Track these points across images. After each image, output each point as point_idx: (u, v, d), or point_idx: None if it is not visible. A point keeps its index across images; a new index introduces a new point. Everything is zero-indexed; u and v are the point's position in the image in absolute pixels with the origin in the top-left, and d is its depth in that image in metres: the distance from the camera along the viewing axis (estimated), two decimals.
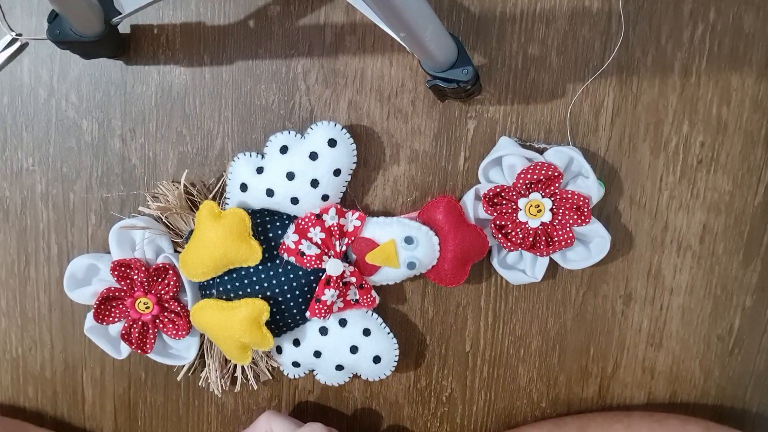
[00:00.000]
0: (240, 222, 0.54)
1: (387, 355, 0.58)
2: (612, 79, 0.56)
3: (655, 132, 0.57)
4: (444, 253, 0.55)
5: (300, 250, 0.55)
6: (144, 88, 0.60)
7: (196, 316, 0.57)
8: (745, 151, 0.57)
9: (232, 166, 0.57)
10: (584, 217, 0.54)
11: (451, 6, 0.56)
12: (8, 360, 0.66)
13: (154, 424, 0.66)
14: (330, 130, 0.55)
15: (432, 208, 0.56)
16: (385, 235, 0.55)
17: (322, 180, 0.55)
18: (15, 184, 0.62)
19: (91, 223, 0.62)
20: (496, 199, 0.55)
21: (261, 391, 0.64)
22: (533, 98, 0.57)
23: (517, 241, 0.55)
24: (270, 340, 0.56)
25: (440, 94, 0.54)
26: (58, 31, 0.52)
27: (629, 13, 0.55)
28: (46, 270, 0.63)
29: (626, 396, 0.61)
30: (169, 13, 0.58)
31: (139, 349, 0.59)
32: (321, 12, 0.57)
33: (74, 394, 0.66)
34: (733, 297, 0.59)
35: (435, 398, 0.63)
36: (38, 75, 0.60)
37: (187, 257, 0.55)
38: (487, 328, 0.61)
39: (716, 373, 0.61)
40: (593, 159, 0.57)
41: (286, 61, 0.58)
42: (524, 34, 0.56)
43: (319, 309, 0.55)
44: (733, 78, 0.56)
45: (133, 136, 0.60)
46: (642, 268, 0.59)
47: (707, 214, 0.58)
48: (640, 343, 0.60)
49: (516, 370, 0.62)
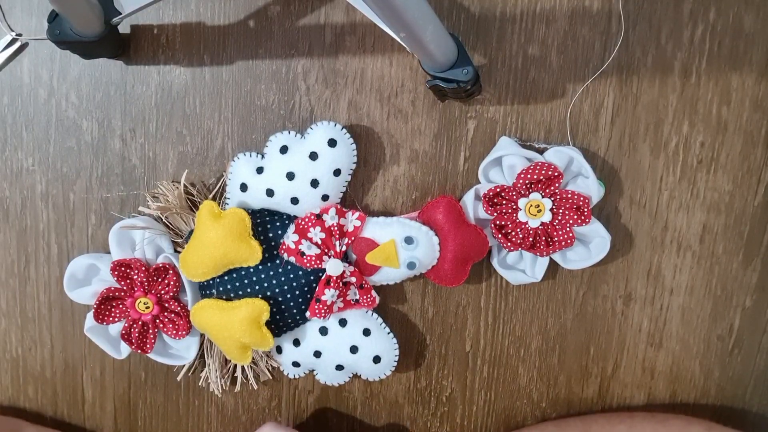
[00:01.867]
0: (240, 222, 0.54)
1: (387, 355, 0.58)
2: (612, 79, 0.56)
3: (655, 132, 0.57)
4: (444, 253, 0.55)
5: (300, 250, 0.55)
6: (144, 88, 0.60)
7: (196, 316, 0.57)
8: (745, 151, 0.57)
9: (232, 166, 0.57)
10: (584, 217, 0.54)
11: (451, 6, 0.56)
12: (8, 360, 0.66)
13: (154, 424, 0.66)
14: (330, 130, 0.55)
15: (432, 208, 0.56)
16: (385, 235, 0.55)
17: (322, 180, 0.55)
18: (15, 184, 0.62)
19: (91, 223, 0.62)
20: (496, 199, 0.55)
21: (261, 391, 0.64)
22: (533, 98, 0.57)
23: (517, 241, 0.55)
24: (270, 340, 0.56)
25: (440, 94, 0.54)
26: (58, 31, 0.52)
27: (629, 13, 0.55)
28: (46, 270, 0.63)
29: (626, 396, 0.61)
30: (169, 13, 0.58)
31: (139, 349, 0.59)
32: (321, 12, 0.57)
33: (74, 394, 0.66)
34: (733, 297, 0.59)
35: (435, 398, 0.63)
36: (38, 75, 0.60)
37: (187, 257, 0.55)
38: (487, 328, 0.61)
39: (716, 373, 0.61)
40: (593, 159, 0.57)
41: (286, 61, 0.58)
42: (524, 34, 0.56)
43: (319, 309, 0.55)
44: (733, 78, 0.56)
45: (133, 136, 0.60)
46: (642, 268, 0.59)
47: (707, 214, 0.58)
48: (640, 343, 0.60)
49: (516, 370, 0.62)
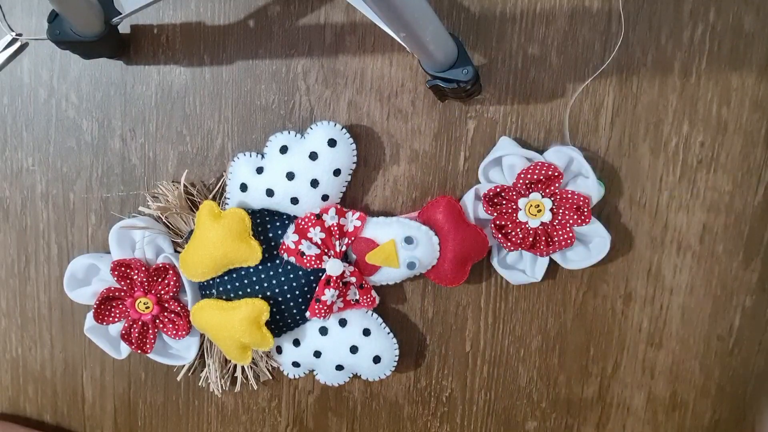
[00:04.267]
0: (240, 222, 0.54)
1: (387, 354, 0.58)
2: (612, 79, 0.56)
3: (655, 132, 0.57)
4: (444, 252, 0.55)
5: (300, 250, 0.55)
6: (144, 88, 0.60)
7: (196, 316, 0.57)
8: (745, 151, 0.57)
9: (232, 166, 0.57)
10: (584, 217, 0.54)
11: (451, 6, 0.56)
12: (8, 360, 0.66)
13: (154, 424, 0.66)
14: (330, 130, 0.55)
15: (432, 208, 0.56)
16: (385, 235, 0.55)
17: (321, 180, 0.55)
18: (15, 184, 0.62)
19: (91, 223, 0.62)
20: (496, 199, 0.55)
21: (261, 391, 0.64)
22: (533, 98, 0.57)
23: (516, 241, 0.55)
24: (270, 340, 0.56)
25: (440, 94, 0.54)
26: (58, 31, 0.52)
27: (629, 13, 0.55)
28: (46, 270, 0.63)
29: (626, 396, 0.61)
30: (169, 13, 0.58)
31: (139, 349, 0.59)
32: (321, 12, 0.57)
33: (74, 394, 0.66)
34: (733, 297, 0.59)
35: (435, 398, 0.63)
36: (38, 75, 0.60)
37: (187, 257, 0.55)
38: (487, 328, 0.61)
39: (716, 373, 0.61)
40: (593, 159, 0.57)
41: (286, 61, 0.58)
42: (524, 34, 0.56)
43: (319, 309, 0.55)
44: (733, 78, 0.56)
45: (133, 136, 0.60)
46: (642, 268, 0.59)
47: (707, 214, 0.58)
48: (640, 343, 0.60)
49: (516, 370, 0.62)
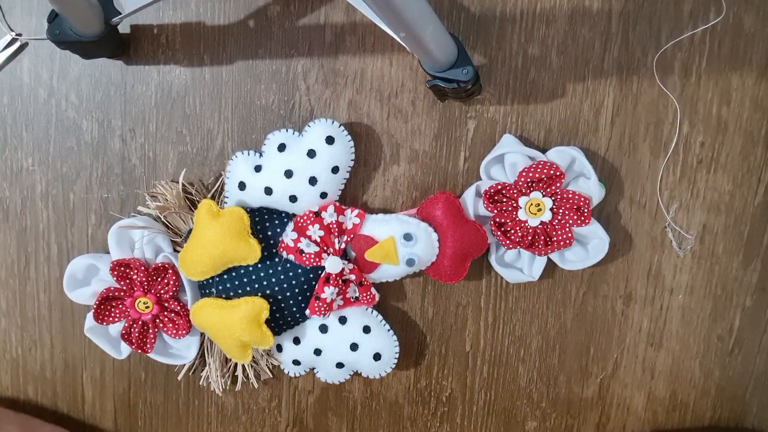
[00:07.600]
0: (239, 220, 0.54)
1: (387, 352, 0.58)
2: (612, 79, 0.56)
3: (655, 132, 0.57)
4: (443, 249, 0.55)
5: (299, 248, 0.55)
6: (144, 88, 0.60)
7: (196, 316, 0.57)
8: (745, 151, 0.57)
9: (230, 164, 0.57)
10: (584, 218, 0.54)
11: (451, 6, 0.56)
12: (8, 360, 0.66)
13: (154, 424, 0.66)
14: (327, 128, 0.55)
15: (431, 205, 0.56)
16: (383, 232, 0.55)
17: (320, 177, 0.55)
18: (15, 184, 0.62)
19: (91, 223, 0.62)
20: (497, 196, 0.55)
21: (261, 391, 0.64)
22: (533, 98, 0.57)
23: (515, 239, 0.55)
24: (270, 338, 0.56)
25: (440, 94, 0.54)
26: (58, 31, 0.52)
27: (629, 13, 0.55)
28: (46, 270, 0.63)
29: (626, 396, 0.61)
30: (169, 13, 0.58)
31: (140, 349, 0.59)
32: (321, 12, 0.57)
33: (74, 394, 0.66)
34: (733, 297, 0.59)
35: (435, 398, 0.63)
36: (38, 75, 0.60)
37: (186, 256, 0.55)
38: (487, 328, 0.61)
39: (716, 373, 0.61)
40: (593, 159, 0.57)
41: (286, 61, 0.58)
42: (524, 34, 0.56)
43: (318, 307, 0.55)
44: (733, 78, 0.56)
45: (133, 136, 0.60)
46: (642, 268, 0.59)
47: (707, 214, 0.58)
48: (640, 343, 0.60)
49: (516, 370, 0.62)
